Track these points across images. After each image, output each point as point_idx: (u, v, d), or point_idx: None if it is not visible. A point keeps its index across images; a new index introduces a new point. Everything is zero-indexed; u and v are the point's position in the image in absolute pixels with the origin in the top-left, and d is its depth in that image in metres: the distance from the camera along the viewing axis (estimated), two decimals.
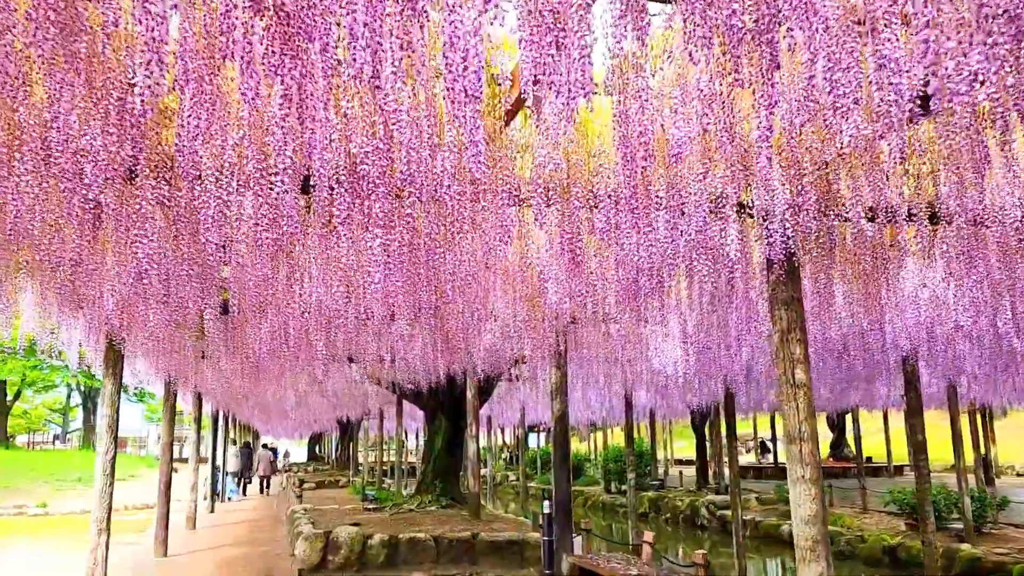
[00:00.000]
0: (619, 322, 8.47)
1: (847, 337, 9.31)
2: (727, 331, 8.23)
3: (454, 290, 6.26)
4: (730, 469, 14.20)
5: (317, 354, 9.37)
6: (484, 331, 8.43)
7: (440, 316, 7.33)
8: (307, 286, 6.10)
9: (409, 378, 13.05)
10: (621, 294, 5.94)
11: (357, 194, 3.79)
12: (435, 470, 15.31)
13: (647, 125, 3.24)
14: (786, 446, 4.92)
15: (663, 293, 6.20)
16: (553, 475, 8.93)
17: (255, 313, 7.31)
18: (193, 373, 11.71)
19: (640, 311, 7.22)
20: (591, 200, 4.61)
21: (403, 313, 7.06)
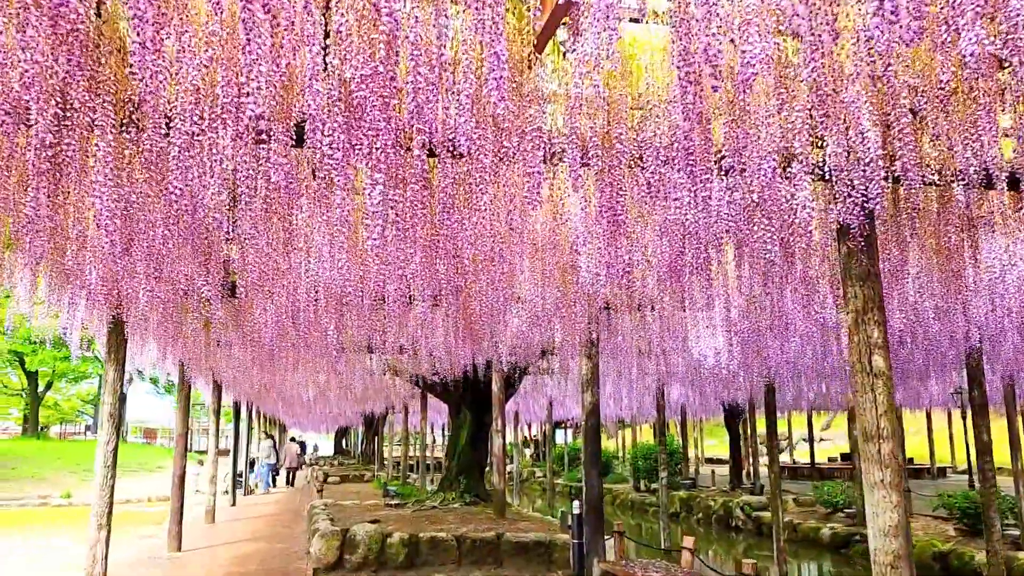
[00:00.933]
0: (658, 306, 7.78)
1: (912, 325, 8.51)
2: (777, 316, 7.50)
3: (475, 265, 5.64)
4: (770, 469, 13.44)
5: (331, 340, 8.79)
6: (510, 316, 7.78)
7: (461, 297, 6.70)
8: (314, 261, 5.50)
9: (431, 369, 12.46)
10: (664, 271, 5.25)
11: (355, 137, 3.15)
12: (459, 466, 14.72)
13: (714, 38, 2.57)
14: (861, 445, 4.21)
15: (710, 270, 5.50)
16: (584, 473, 8.27)
17: (262, 293, 6.74)
18: (206, 360, 11.22)
19: (683, 292, 6.53)
20: (636, 153, 3.93)
21: (421, 292, 6.43)
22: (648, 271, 5.42)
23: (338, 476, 28.86)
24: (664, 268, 5.25)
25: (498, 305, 6.79)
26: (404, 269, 5.44)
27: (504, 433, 12.42)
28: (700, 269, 5.24)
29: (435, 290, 6.39)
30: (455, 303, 6.93)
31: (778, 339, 8.73)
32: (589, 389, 8.27)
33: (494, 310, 6.98)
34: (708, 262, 5.06)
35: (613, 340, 9.90)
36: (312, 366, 13.28)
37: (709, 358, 9.04)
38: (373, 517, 12.03)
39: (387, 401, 23.34)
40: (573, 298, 6.58)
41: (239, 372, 12.59)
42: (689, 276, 5.49)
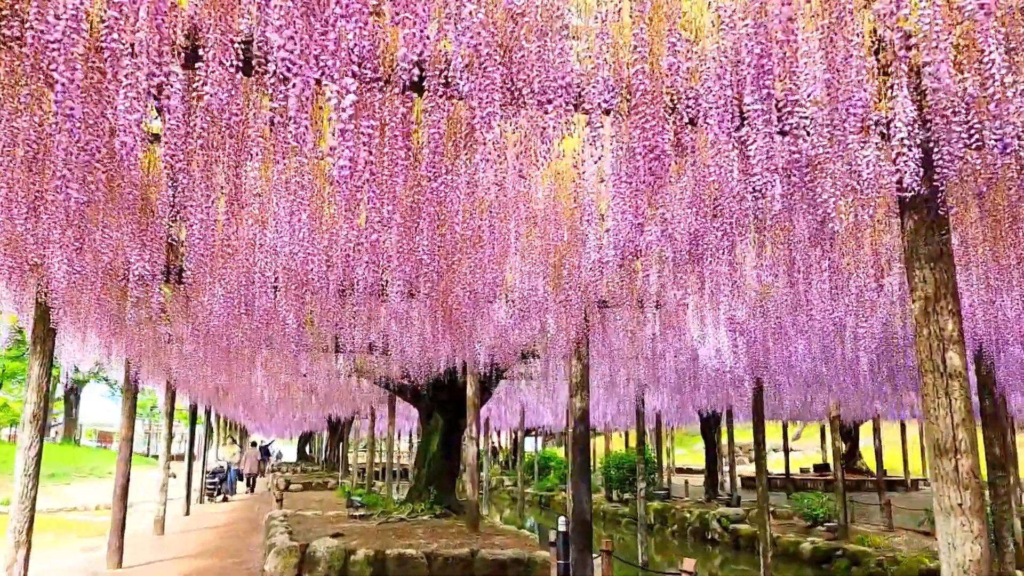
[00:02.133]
0: (660, 299, 7.04)
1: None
2: (793, 311, 6.80)
3: (461, 243, 4.83)
4: (757, 480, 12.81)
5: (292, 334, 7.92)
6: (494, 309, 6.98)
7: (442, 283, 5.89)
8: (271, 233, 4.65)
9: (402, 371, 11.60)
10: (681, 252, 4.50)
11: (319, 46, 2.34)
12: (429, 475, 13.84)
13: None
14: (932, 462, 3.48)
15: (733, 253, 4.77)
16: (570, 486, 7.49)
17: (212, 276, 5.86)
18: (155, 357, 10.24)
19: (696, 280, 5.78)
20: (673, 104, 3.17)
21: (396, 273, 5.61)
22: (662, 253, 4.66)
23: (300, 484, 27.76)
24: (682, 249, 4.49)
25: (483, 294, 5.99)
26: (377, 247, 4.63)
27: (479, 440, 11.59)
28: (724, 250, 4.50)
29: (412, 273, 5.57)
30: (434, 291, 6.11)
31: (788, 337, 8.05)
32: (578, 393, 7.49)
33: (478, 301, 6.18)
34: (734, 242, 4.32)
35: (596, 342, 9.15)
36: (273, 366, 12.34)
37: (711, 357, 8.32)
38: (335, 530, 11.13)
39: (353, 405, 22.37)
40: (568, 289, 5.81)
41: (192, 371, 11.60)
42: (710, 259, 4.74)
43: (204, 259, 5.17)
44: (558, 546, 7.60)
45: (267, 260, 5.28)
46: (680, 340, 9.08)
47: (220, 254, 5.19)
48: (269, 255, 5.09)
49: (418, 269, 5.48)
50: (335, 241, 4.76)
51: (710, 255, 4.67)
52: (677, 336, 8.93)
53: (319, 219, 4.57)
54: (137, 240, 5.34)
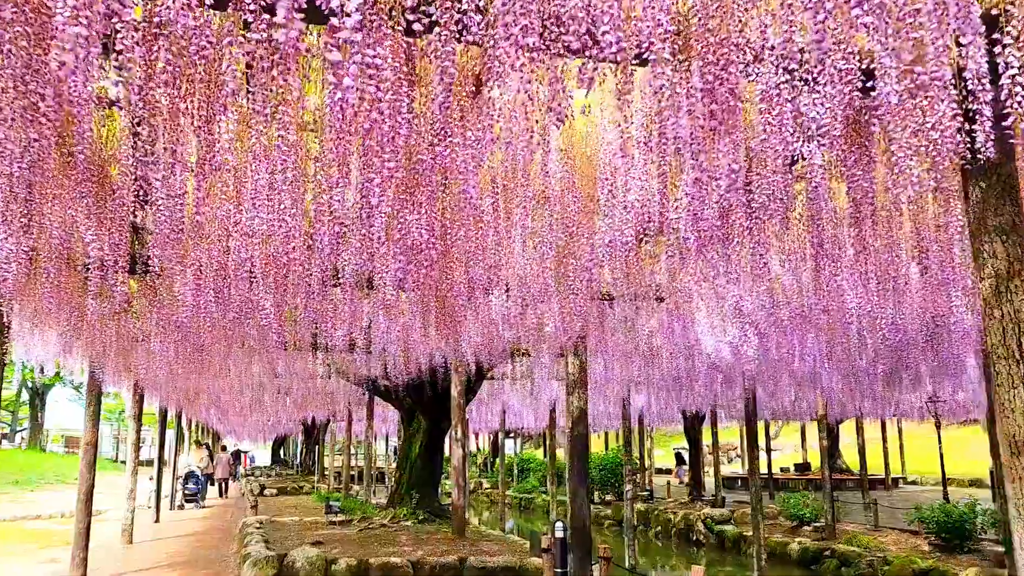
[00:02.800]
0: (662, 292, 6.62)
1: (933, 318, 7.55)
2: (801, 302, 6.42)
3: (459, 221, 4.36)
4: (750, 480, 12.47)
5: (268, 330, 7.38)
6: (489, 302, 6.51)
7: (436, 270, 5.41)
8: (246, 211, 4.15)
9: (384, 370, 11.08)
10: (705, 230, 4.06)
11: None
12: (411, 478, 13.32)
13: None
14: (1007, 461, 3.07)
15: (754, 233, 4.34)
16: (568, 491, 7.04)
17: (180, 264, 5.33)
18: (121, 357, 9.62)
19: (708, 266, 5.36)
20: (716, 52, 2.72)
21: (385, 261, 5.12)
22: (682, 233, 4.21)
23: (275, 488, 27.04)
24: (708, 227, 4.05)
25: (481, 282, 5.52)
26: (369, 225, 4.14)
27: (464, 442, 11.10)
28: (754, 230, 4.08)
29: (404, 257, 5.08)
30: (428, 278, 5.62)
31: (793, 331, 7.68)
32: (576, 392, 7.04)
33: (474, 289, 5.70)
34: (767, 220, 3.90)
35: (590, 338, 8.73)
36: (246, 366, 11.76)
37: (714, 353, 7.93)
38: (314, 538, 10.57)
39: (329, 407, 21.73)
40: (574, 278, 5.35)
41: (161, 372, 10.99)
42: (736, 241, 4.31)
43: (171, 241, 4.64)
44: (555, 553, 7.16)
45: (242, 244, 4.76)
46: (680, 335, 8.68)
47: (189, 234, 4.68)
48: (245, 238, 4.58)
49: (412, 252, 5.00)
50: (320, 219, 4.26)
51: (738, 235, 4.24)
52: (677, 331, 8.53)
53: (302, 191, 4.07)
54: (96, 221, 4.81)
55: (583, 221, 4.58)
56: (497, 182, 4.03)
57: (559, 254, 5.29)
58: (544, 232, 4.92)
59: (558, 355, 10.62)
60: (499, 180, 3.98)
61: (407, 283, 6.05)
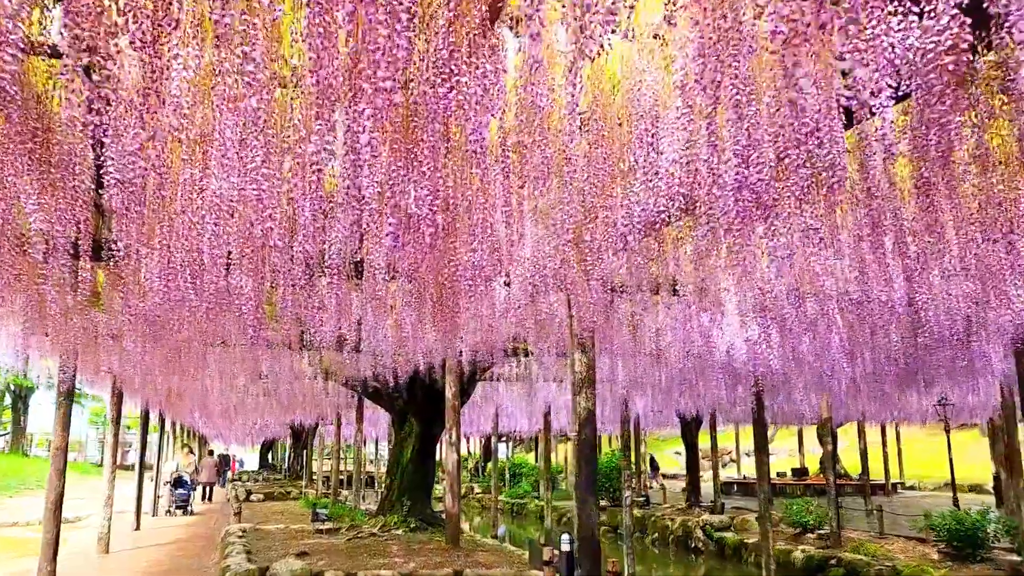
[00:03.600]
0: (678, 281, 6.06)
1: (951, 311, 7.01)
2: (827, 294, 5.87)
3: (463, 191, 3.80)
4: (759, 487, 11.91)
5: (250, 324, 6.78)
6: (491, 291, 5.94)
7: (434, 252, 4.83)
8: (217, 176, 3.57)
9: (375, 371, 10.49)
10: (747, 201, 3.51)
11: None
12: (402, 484, 12.70)
13: None
14: None
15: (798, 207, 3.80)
16: (576, 499, 6.46)
17: (146, 247, 4.74)
18: (97, 354, 9.00)
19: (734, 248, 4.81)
20: None
21: (376, 242, 4.56)
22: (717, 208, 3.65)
23: (262, 494, 26.36)
24: (749, 199, 3.50)
25: (485, 266, 4.93)
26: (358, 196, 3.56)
27: (459, 446, 10.51)
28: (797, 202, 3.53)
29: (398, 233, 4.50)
30: (424, 262, 5.05)
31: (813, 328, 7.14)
32: (584, 391, 6.46)
33: (477, 275, 5.11)
34: (822, 189, 3.35)
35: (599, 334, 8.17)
36: (230, 365, 11.14)
37: (728, 350, 7.38)
38: (300, 548, 9.95)
39: (318, 410, 21.08)
40: (591, 261, 4.78)
41: (139, 371, 10.37)
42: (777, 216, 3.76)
43: (133, 216, 4.06)
44: (560, 567, 6.58)
45: (214, 221, 4.17)
46: (693, 331, 8.13)
47: (153, 207, 4.09)
48: (215, 212, 3.99)
49: (407, 227, 4.41)
50: (300, 180, 3.68)
51: (791, 206, 3.69)
52: (691, 327, 7.98)
53: (279, 154, 3.49)
54: (50, 199, 4.21)
55: (605, 195, 4.01)
56: (508, 144, 3.46)
57: (576, 234, 4.71)
58: (559, 208, 4.35)
59: (559, 354, 10.06)
60: (511, 142, 3.41)
61: (401, 267, 5.48)
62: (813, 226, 3.45)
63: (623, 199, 4.23)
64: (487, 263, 4.79)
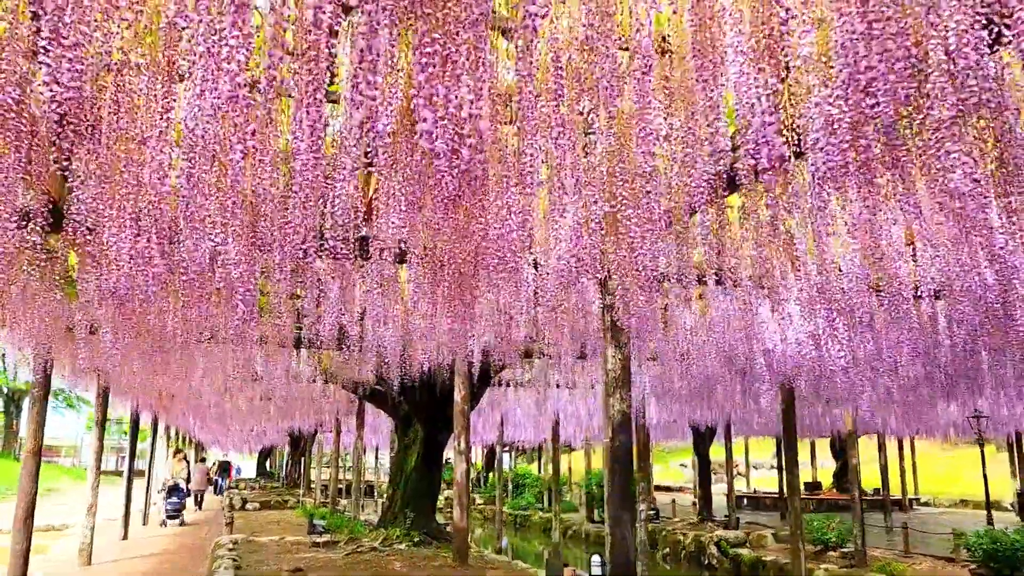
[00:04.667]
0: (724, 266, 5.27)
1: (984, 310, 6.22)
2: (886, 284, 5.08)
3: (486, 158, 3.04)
4: (789, 502, 11.07)
5: (243, 315, 6.00)
6: (511, 275, 5.14)
7: (450, 228, 4.05)
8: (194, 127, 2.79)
9: (379, 372, 9.70)
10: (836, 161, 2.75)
11: None
12: (406, 495, 11.88)
13: None
14: None
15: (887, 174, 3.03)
16: (608, 516, 5.65)
17: (111, 209, 3.97)
18: (77, 348, 8.21)
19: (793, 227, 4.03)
20: None
21: (383, 216, 3.78)
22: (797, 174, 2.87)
23: (258, 502, 25.51)
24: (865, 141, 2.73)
25: (510, 244, 4.14)
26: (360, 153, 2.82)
27: (468, 455, 9.70)
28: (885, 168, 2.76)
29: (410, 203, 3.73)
30: (438, 239, 4.27)
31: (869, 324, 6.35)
32: (618, 392, 5.66)
33: (501, 256, 4.33)
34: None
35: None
36: (222, 365, 10.35)
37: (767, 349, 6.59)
38: (294, 563, 9.14)
39: (317, 416, 20.27)
40: (637, 234, 3.99)
41: (124, 367, 9.58)
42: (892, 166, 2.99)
43: (88, 155, 3.29)
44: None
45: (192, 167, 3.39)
46: (726, 327, 7.35)
47: (110, 146, 3.32)
48: (192, 154, 3.21)
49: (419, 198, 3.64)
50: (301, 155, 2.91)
51: (891, 164, 2.93)
52: (725, 321, 7.20)
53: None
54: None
55: (656, 152, 3.24)
56: (561, 64, 2.69)
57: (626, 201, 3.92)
58: (611, 162, 3.58)
59: (579, 356, 9.27)
60: (550, 84, 2.65)
61: (413, 242, 4.69)
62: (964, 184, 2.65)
63: (686, 153, 3.46)
64: (516, 235, 4.00)
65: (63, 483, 35.54)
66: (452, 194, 3.34)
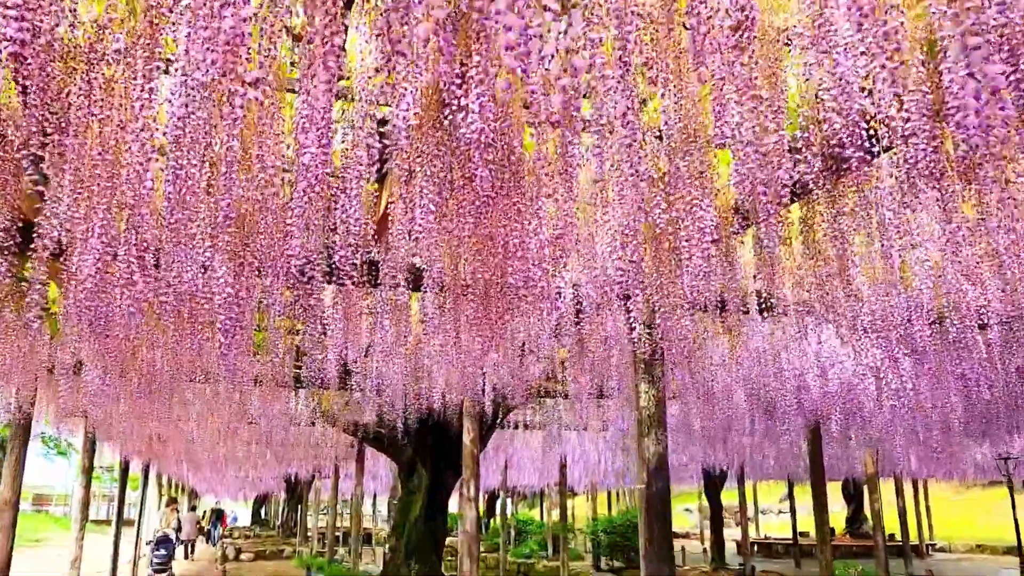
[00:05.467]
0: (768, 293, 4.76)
1: None
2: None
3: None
4: (820, 550, 10.39)
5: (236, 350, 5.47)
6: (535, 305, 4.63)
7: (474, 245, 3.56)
8: None
9: (381, 412, 9.12)
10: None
11: None
12: (409, 544, 11.16)
13: None
14: None
15: None
16: (644, 571, 5.04)
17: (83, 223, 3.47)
18: (52, 390, 7.65)
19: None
20: None
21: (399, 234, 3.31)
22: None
23: (253, 552, 24.56)
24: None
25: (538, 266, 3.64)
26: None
27: (477, 501, 9.05)
28: None
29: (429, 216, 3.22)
30: (459, 259, 3.77)
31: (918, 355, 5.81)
32: (652, 432, 5.10)
33: (528, 277, 3.82)
34: None
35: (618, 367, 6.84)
36: (216, 407, 9.76)
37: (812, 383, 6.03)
38: None
39: (315, 462, 19.55)
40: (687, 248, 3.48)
41: (111, 410, 9.00)
42: None
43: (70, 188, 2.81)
44: None
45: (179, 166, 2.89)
46: (758, 359, 6.81)
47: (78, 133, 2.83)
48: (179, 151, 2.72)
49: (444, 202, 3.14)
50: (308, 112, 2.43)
51: None
52: (757, 353, 6.66)
53: None
54: None
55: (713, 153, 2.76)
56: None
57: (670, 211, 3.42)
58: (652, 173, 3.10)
59: (595, 394, 8.70)
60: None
61: (429, 264, 4.18)
62: None
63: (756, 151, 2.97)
64: (548, 249, 3.50)
65: (53, 533, 34.40)
66: (484, 195, 2.83)
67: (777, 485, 35.64)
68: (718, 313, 5.30)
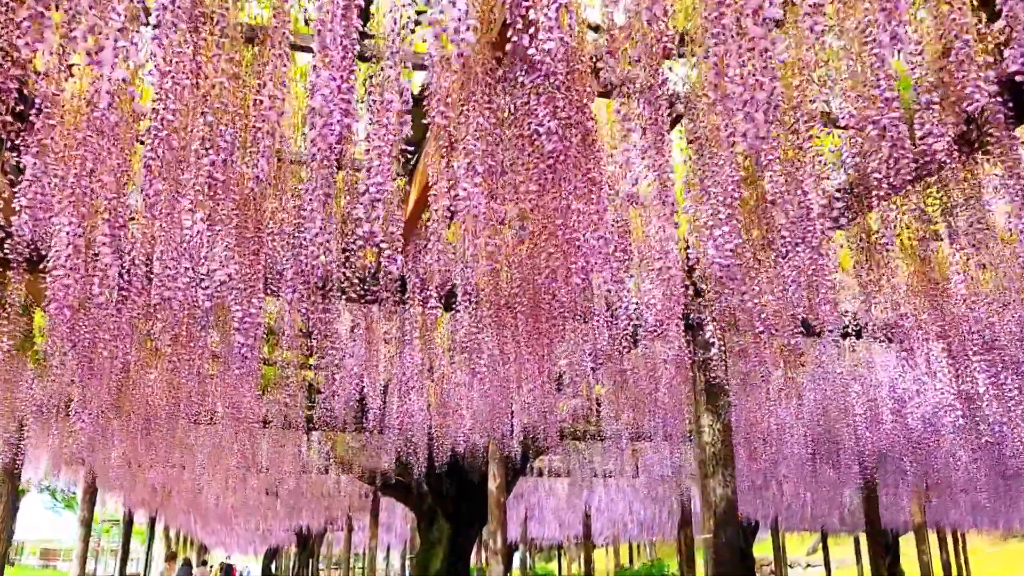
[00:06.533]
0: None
1: None
2: None
3: None
4: None
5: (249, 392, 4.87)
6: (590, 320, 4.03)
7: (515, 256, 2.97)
8: None
9: (401, 456, 8.45)
10: None
11: None
12: None
13: None
14: None
15: None
16: None
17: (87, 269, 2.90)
18: (46, 436, 7.03)
19: None
20: None
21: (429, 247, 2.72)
22: None
23: None
24: None
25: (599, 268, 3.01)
26: None
27: (505, 554, 8.30)
28: None
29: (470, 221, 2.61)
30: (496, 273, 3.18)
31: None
32: (719, 472, 4.40)
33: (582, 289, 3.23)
34: None
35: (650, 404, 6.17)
36: (222, 453, 9.10)
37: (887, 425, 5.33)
38: None
39: (327, 513, 18.72)
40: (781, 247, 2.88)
41: (107, 453, 8.38)
42: None
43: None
44: None
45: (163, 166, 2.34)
46: (820, 394, 6.12)
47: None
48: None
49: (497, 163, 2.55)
50: None
51: None
52: (821, 386, 5.98)
53: None
54: None
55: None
56: None
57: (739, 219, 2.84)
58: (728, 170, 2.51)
59: (635, 436, 8.00)
60: None
61: (467, 279, 3.59)
62: None
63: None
64: (611, 250, 2.89)
65: None
66: (549, 160, 2.24)
67: (804, 536, 34.07)
68: (798, 336, 4.62)
